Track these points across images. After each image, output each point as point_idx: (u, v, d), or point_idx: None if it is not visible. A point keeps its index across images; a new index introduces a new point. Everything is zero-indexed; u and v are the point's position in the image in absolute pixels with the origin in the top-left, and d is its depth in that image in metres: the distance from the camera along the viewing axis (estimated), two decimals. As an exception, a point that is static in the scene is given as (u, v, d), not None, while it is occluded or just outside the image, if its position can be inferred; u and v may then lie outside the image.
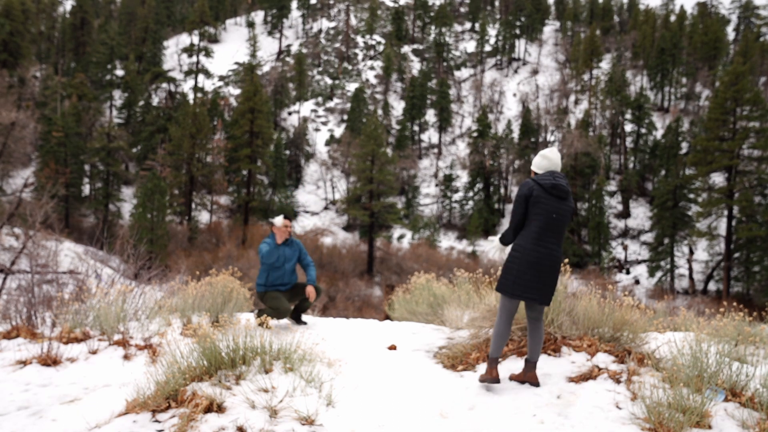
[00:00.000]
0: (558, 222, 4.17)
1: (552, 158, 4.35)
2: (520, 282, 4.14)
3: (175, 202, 47.64)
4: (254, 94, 50.75)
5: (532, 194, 4.18)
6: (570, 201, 4.27)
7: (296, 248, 6.67)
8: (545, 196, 4.18)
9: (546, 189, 4.19)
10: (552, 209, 4.17)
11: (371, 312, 29.50)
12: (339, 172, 61.00)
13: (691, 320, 6.18)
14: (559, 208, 4.18)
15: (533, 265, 4.11)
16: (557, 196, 4.19)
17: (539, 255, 4.12)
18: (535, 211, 4.17)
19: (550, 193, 4.19)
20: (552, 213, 4.16)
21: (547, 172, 4.30)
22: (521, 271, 4.13)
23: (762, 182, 41.01)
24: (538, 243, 4.13)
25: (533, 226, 4.16)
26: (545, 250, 4.12)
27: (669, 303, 11.59)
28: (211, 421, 3.60)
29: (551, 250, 4.14)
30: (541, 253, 4.12)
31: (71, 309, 5.84)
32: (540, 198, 4.17)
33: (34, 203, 25.34)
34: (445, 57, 79.26)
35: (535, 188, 4.19)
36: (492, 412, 3.96)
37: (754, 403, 3.71)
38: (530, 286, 4.13)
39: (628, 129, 60.33)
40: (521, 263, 4.14)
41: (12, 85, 50.14)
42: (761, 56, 64.39)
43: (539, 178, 4.24)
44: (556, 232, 4.18)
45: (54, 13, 74.93)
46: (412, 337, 6.00)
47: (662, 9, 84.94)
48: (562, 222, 4.20)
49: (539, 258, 4.12)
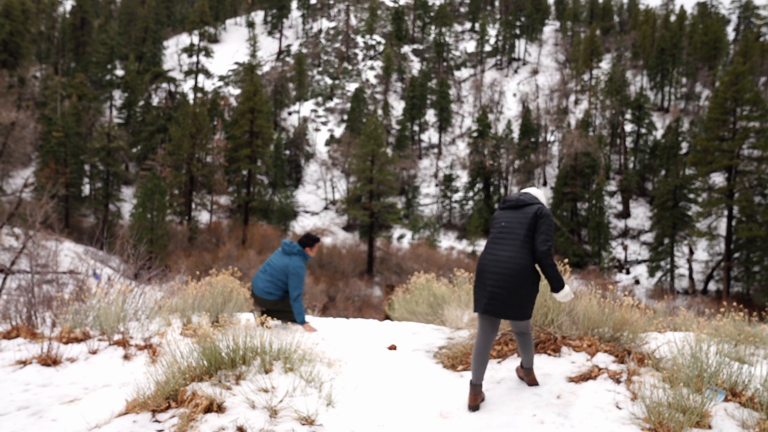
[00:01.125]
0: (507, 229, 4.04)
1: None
2: (474, 293, 4.07)
3: (175, 202, 47.63)
4: (254, 94, 50.76)
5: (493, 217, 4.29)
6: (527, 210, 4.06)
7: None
8: (498, 213, 4.23)
9: (500, 207, 4.28)
10: (502, 219, 4.14)
11: (371, 312, 29.50)
12: (339, 172, 61.01)
13: (691, 320, 6.18)
14: (508, 217, 4.10)
15: (479, 274, 4.04)
16: (508, 207, 4.17)
17: (484, 263, 4.02)
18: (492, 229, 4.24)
19: (502, 207, 4.24)
20: (501, 221, 4.13)
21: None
22: (475, 282, 4.08)
23: (762, 182, 41.01)
24: (486, 251, 4.08)
25: (488, 240, 4.17)
26: (492, 257, 3.99)
27: (669, 303, 11.59)
28: (211, 421, 3.60)
29: (499, 258, 3.95)
30: (487, 260, 4.00)
31: (71, 309, 5.84)
32: (495, 216, 4.25)
33: (34, 203, 25.34)
34: (445, 57, 79.29)
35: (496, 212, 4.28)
36: (492, 412, 3.96)
37: (754, 403, 3.71)
38: (478, 296, 4.02)
39: (628, 129, 60.34)
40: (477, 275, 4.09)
41: (12, 85, 50.16)
42: (761, 56, 64.40)
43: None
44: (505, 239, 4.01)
45: (54, 13, 74.96)
46: (412, 337, 6.00)
47: (662, 9, 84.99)
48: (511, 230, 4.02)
49: (484, 266, 4.01)
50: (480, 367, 3.99)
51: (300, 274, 6.26)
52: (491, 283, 3.92)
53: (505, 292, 3.88)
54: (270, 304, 6.31)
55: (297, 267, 6.25)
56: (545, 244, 3.92)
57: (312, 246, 6.48)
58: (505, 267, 3.90)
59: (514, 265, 3.89)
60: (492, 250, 4.03)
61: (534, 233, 3.98)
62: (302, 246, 6.42)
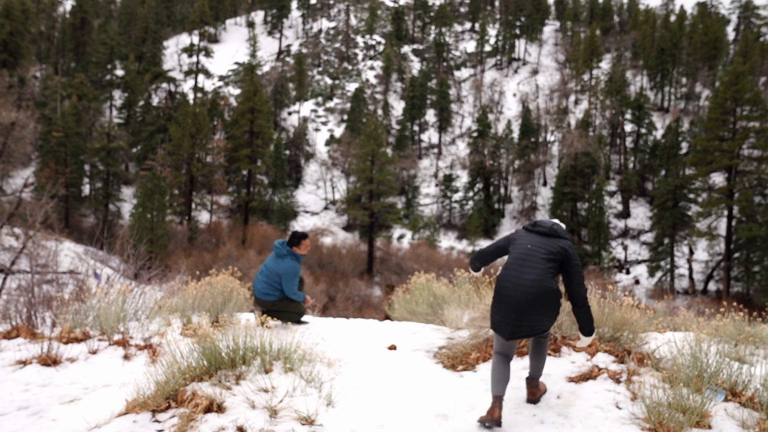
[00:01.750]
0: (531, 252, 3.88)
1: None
2: (494, 316, 3.92)
3: (175, 202, 47.63)
4: (254, 94, 50.75)
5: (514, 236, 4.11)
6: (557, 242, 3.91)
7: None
8: (523, 234, 4.07)
9: (527, 228, 4.10)
10: (527, 241, 3.97)
11: (371, 312, 29.50)
12: (339, 172, 61.01)
13: (691, 320, 6.18)
14: (534, 241, 3.94)
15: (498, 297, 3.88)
16: (538, 232, 4.01)
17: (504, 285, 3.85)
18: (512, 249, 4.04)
19: (530, 230, 4.06)
20: (527, 244, 3.94)
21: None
22: (493, 304, 3.93)
23: (762, 182, 41.00)
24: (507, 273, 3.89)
25: (508, 260, 3.99)
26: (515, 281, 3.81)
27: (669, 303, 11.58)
28: (211, 421, 3.60)
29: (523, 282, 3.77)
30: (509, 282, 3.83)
31: (71, 309, 5.84)
32: (518, 236, 4.07)
33: (34, 203, 25.34)
34: (445, 57, 79.28)
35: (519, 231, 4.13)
36: (492, 412, 3.96)
37: (754, 403, 3.71)
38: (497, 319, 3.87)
39: (628, 129, 60.34)
40: (493, 295, 3.96)
41: (12, 85, 50.15)
42: (761, 56, 64.41)
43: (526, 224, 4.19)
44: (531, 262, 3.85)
45: (54, 13, 74.95)
46: (412, 337, 6.00)
47: (662, 9, 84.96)
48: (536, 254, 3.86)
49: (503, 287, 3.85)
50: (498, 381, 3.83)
51: (292, 275, 6.38)
52: (517, 308, 3.75)
53: (531, 317, 3.76)
54: (269, 304, 6.42)
55: (288, 269, 6.35)
56: (583, 286, 3.85)
57: (299, 244, 6.53)
58: (532, 292, 3.73)
59: (540, 289, 3.74)
60: (515, 272, 3.83)
61: (558, 266, 3.85)
62: (290, 246, 6.49)
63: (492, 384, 3.83)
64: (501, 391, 3.78)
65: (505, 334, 3.80)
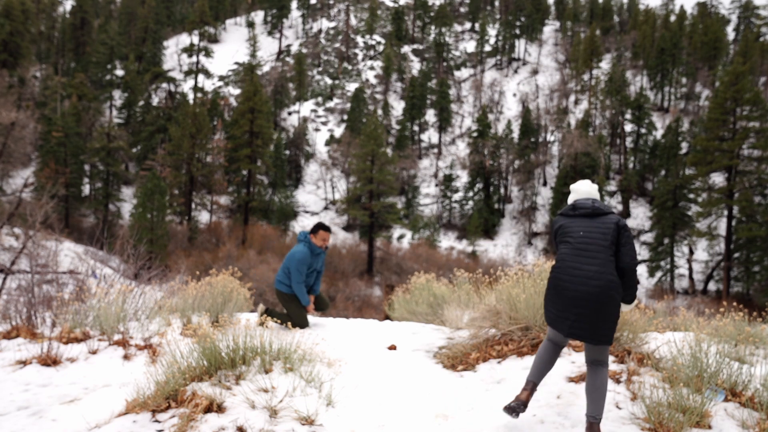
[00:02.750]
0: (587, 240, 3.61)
1: (577, 189, 3.94)
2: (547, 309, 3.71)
3: (175, 202, 47.63)
4: (254, 94, 50.75)
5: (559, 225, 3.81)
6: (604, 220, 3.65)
7: (322, 259, 6.78)
8: (569, 221, 3.78)
9: (567, 215, 3.82)
10: (577, 228, 3.70)
11: (371, 312, 29.50)
12: (339, 172, 61.01)
13: (691, 320, 6.18)
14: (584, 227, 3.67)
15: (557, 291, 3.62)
16: (582, 215, 3.74)
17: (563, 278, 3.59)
18: (562, 238, 3.75)
19: (572, 215, 3.79)
20: (579, 232, 3.67)
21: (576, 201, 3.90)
22: (548, 297, 3.70)
23: (762, 182, 41.00)
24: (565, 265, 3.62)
25: (562, 250, 3.71)
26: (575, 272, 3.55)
27: (669, 303, 11.59)
28: (211, 421, 3.60)
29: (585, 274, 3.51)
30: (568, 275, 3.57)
31: (71, 309, 5.84)
32: (565, 225, 3.78)
33: (34, 203, 25.34)
34: (445, 57, 79.28)
35: (560, 219, 3.83)
36: (492, 412, 3.96)
37: (754, 403, 3.71)
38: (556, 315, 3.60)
39: (628, 129, 60.33)
40: (548, 289, 3.72)
41: (12, 85, 50.15)
42: (761, 56, 64.40)
43: (563, 209, 3.89)
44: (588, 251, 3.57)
45: (54, 13, 74.94)
46: (412, 337, 6.00)
47: (662, 9, 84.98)
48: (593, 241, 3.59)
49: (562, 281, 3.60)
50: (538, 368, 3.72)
51: (297, 260, 6.39)
52: (577, 302, 3.49)
53: (593, 314, 3.46)
54: (282, 297, 6.51)
55: (295, 252, 6.44)
56: (634, 258, 3.56)
57: (315, 232, 6.60)
58: (594, 285, 3.46)
59: (603, 282, 3.46)
60: (574, 263, 3.56)
61: (617, 246, 3.58)
62: (310, 233, 6.61)
63: (532, 368, 3.73)
64: (537, 378, 3.66)
65: (564, 330, 3.54)
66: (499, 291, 5.37)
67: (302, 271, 6.41)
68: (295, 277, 6.39)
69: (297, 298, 6.50)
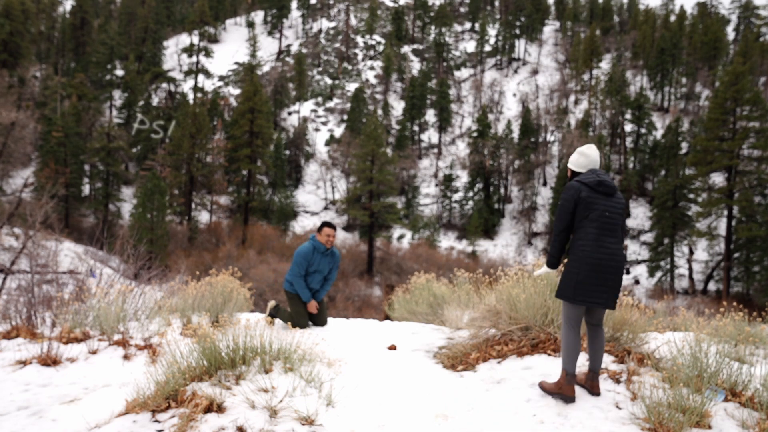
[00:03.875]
0: (611, 220, 3.92)
1: (591, 155, 4.11)
2: (582, 287, 3.88)
3: (175, 202, 47.64)
4: (254, 94, 50.76)
5: (580, 195, 3.92)
6: (619, 197, 4.01)
7: (333, 261, 6.71)
8: (593, 195, 3.93)
9: (592, 187, 3.94)
10: (602, 207, 3.92)
11: (371, 312, 29.50)
12: (339, 172, 61.02)
13: (691, 320, 6.18)
14: (608, 206, 3.93)
15: (595, 268, 3.86)
16: (604, 193, 3.95)
17: (601, 257, 3.86)
18: (586, 213, 3.92)
19: (597, 191, 3.94)
20: (605, 211, 3.91)
21: (589, 172, 4.05)
22: (582, 275, 3.87)
23: (762, 182, 41.00)
24: (598, 244, 3.87)
25: (589, 228, 3.90)
26: (607, 251, 3.87)
27: (669, 303, 11.60)
28: (211, 421, 3.60)
29: (613, 251, 3.89)
30: (603, 254, 3.86)
31: (71, 309, 5.84)
32: (589, 198, 3.92)
33: (34, 203, 25.34)
34: (445, 57, 79.28)
35: (583, 189, 3.94)
36: (492, 412, 3.96)
37: (754, 403, 3.71)
38: (593, 291, 3.88)
39: (628, 129, 60.34)
40: (581, 267, 3.88)
41: (12, 85, 50.16)
42: (761, 56, 64.38)
43: (582, 178, 3.99)
44: (613, 230, 3.92)
45: (54, 13, 74.93)
46: (412, 337, 6.00)
47: (662, 9, 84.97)
48: (614, 220, 3.93)
49: (600, 260, 3.86)
50: (576, 356, 3.99)
51: (296, 256, 6.45)
52: (610, 277, 3.88)
53: (618, 285, 3.94)
54: (287, 295, 6.58)
55: (298, 249, 6.50)
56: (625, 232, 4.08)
57: (320, 230, 6.62)
58: (618, 261, 3.91)
59: (621, 259, 3.94)
60: (604, 243, 3.88)
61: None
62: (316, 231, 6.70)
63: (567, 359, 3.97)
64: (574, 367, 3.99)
65: (601, 302, 3.90)
66: (499, 291, 5.37)
67: (301, 264, 6.41)
68: (293, 270, 6.43)
69: (298, 298, 6.49)
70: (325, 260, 6.60)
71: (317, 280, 6.60)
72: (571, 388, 3.94)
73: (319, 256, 6.53)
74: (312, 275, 6.56)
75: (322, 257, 6.55)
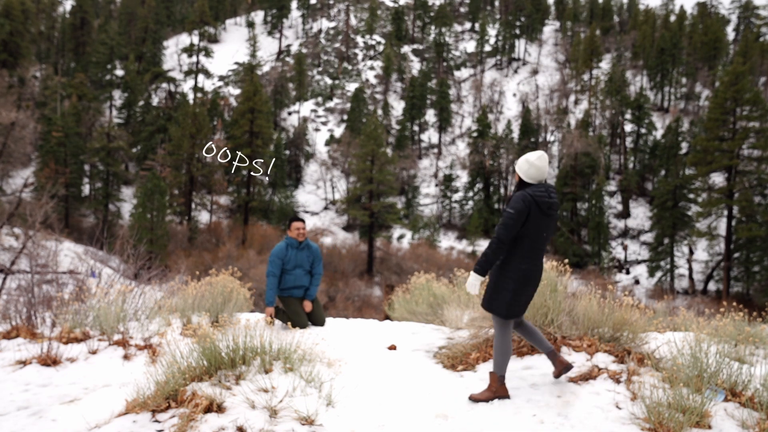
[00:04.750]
0: (547, 240, 4.07)
1: (541, 167, 4.01)
2: (518, 301, 4.03)
3: (175, 202, 47.63)
4: (254, 94, 50.74)
5: (531, 211, 3.91)
6: (556, 216, 4.11)
7: (312, 254, 6.68)
8: (539, 215, 3.94)
9: (542, 209, 3.94)
10: (543, 228, 3.99)
11: (371, 312, 29.49)
12: (339, 172, 61.01)
13: (691, 320, 6.18)
14: (548, 225, 4.02)
15: (527, 283, 4.02)
16: (549, 215, 3.99)
17: (535, 275, 4.03)
18: (529, 230, 3.94)
19: (545, 213, 3.96)
20: (543, 232, 4.00)
21: (541, 186, 4.01)
22: (519, 290, 3.99)
23: (762, 182, 41.01)
24: (534, 262, 4.00)
25: (527, 244, 3.95)
26: (538, 269, 4.06)
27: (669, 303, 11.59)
28: (211, 421, 3.60)
29: (541, 268, 4.11)
30: (536, 272, 4.04)
31: (71, 309, 5.84)
32: (536, 216, 3.93)
33: (34, 203, 25.34)
34: (445, 57, 79.27)
35: (533, 205, 3.91)
36: (492, 412, 3.96)
37: (754, 403, 3.71)
38: (523, 305, 4.09)
39: (628, 129, 60.34)
40: (518, 282, 3.97)
41: (12, 85, 50.18)
42: (761, 56, 64.39)
43: (535, 194, 3.94)
44: (544, 248, 4.10)
45: (54, 13, 74.95)
46: (412, 337, 6.00)
47: (662, 9, 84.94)
48: (548, 237, 4.08)
49: (534, 276, 4.03)
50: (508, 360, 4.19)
51: (272, 253, 6.48)
52: (534, 290, 4.16)
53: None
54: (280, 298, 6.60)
55: (273, 249, 6.55)
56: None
57: (289, 226, 6.68)
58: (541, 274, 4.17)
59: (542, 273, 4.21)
60: (538, 260, 4.07)
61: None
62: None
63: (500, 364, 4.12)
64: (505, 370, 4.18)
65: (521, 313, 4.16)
66: (499, 291, 5.36)
67: (275, 263, 6.45)
68: (267, 269, 6.46)
69: (293, 299, 6.48)
70: (302, 254, 6.58)
71: (301, 276, 6.55)
72: (505, 389, 4.11)
73: (295, 252, 6.53)
74: (292, 272, 6.51)
75: (297, 252, 6.54)
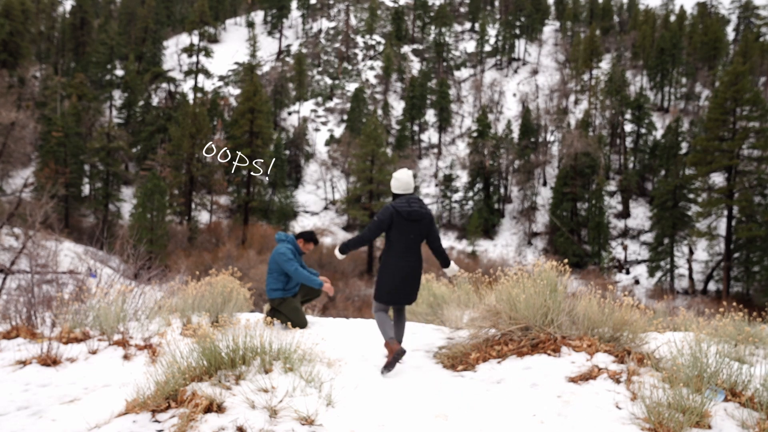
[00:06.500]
0: (415, 241, 5.01)
1: (401, 179, 5.04)
2: (393, 293, 5.02)
3: (175, 202, 47.62)
4: (254, 94, 50.73)
5: (393, 219, 4.92)
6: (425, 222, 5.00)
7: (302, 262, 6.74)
8: (403, 222, 4.92)
9: (404, 216, 4.91)
10: (410, 231, 4.95)
11: (371, 312, 29.47)
12: (339, 172, 61.00)
13: (691, 320, 6.18)
14: (414, 230, 4.96)
15: (401, 277, 4.98)
16: (413, 220, 4.93)
17: (405, 270, 4.98)
18: (396, 235, 4.94)
19: (408, 219, 4.92)
20: (410, 234, 4.95)
21: (403, 198, 5.00)
22: (393, 284, 4.99)
23: (762, 182, 40.99)
24: (404, 259, 4.97)
25: (397, 246, 4.97)
26: (409, 266, 4.99)
27: (669, 303, 11.58)
28: (211, 421, 3.60)
29: (413, 266, 5.01)
30: (407, 267, 4.98)
31: (71, 309, 5.84)
32: (400, 223, 4.92)
33: (34, 203, 25.34)
34: (445, 57, 79.27)
35: (395, 215, 4.92)
36: (492, 412, 3.96)
37: (754, 403, 3.71)
38: (400, 294, 5.04)
39: (628, 129, 60.33)
40: (391, 278, 4.98)
41: (12, 85, 50.17)
42: (761, 56, 64.39)
43: (396, 205, 4.94)
44: (414, 249, 5.03)
45: (54, 13, 74.92)
46: (412, 337, 6.00)
47: (662, 9, 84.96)
48: (417, 241, 5.03)
49: (404, 272, 4.97)
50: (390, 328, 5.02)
51: (283, 254, 6.27)
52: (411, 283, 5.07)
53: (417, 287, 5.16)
54: (275, 302, 6.40)
55: (278, 251, 6.33)
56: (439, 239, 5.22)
57: (307, 241, 6.60)
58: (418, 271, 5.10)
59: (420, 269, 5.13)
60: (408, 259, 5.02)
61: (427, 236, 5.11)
62: (297, 237, 6.60)
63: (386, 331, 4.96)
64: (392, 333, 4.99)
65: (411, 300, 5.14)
66: (498, 291, 5.36)
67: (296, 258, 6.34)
68: (290, 267, 6.20)
69: (289, 300, 6.41)
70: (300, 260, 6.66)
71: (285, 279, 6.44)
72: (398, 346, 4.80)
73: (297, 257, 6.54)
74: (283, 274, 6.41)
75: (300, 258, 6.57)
